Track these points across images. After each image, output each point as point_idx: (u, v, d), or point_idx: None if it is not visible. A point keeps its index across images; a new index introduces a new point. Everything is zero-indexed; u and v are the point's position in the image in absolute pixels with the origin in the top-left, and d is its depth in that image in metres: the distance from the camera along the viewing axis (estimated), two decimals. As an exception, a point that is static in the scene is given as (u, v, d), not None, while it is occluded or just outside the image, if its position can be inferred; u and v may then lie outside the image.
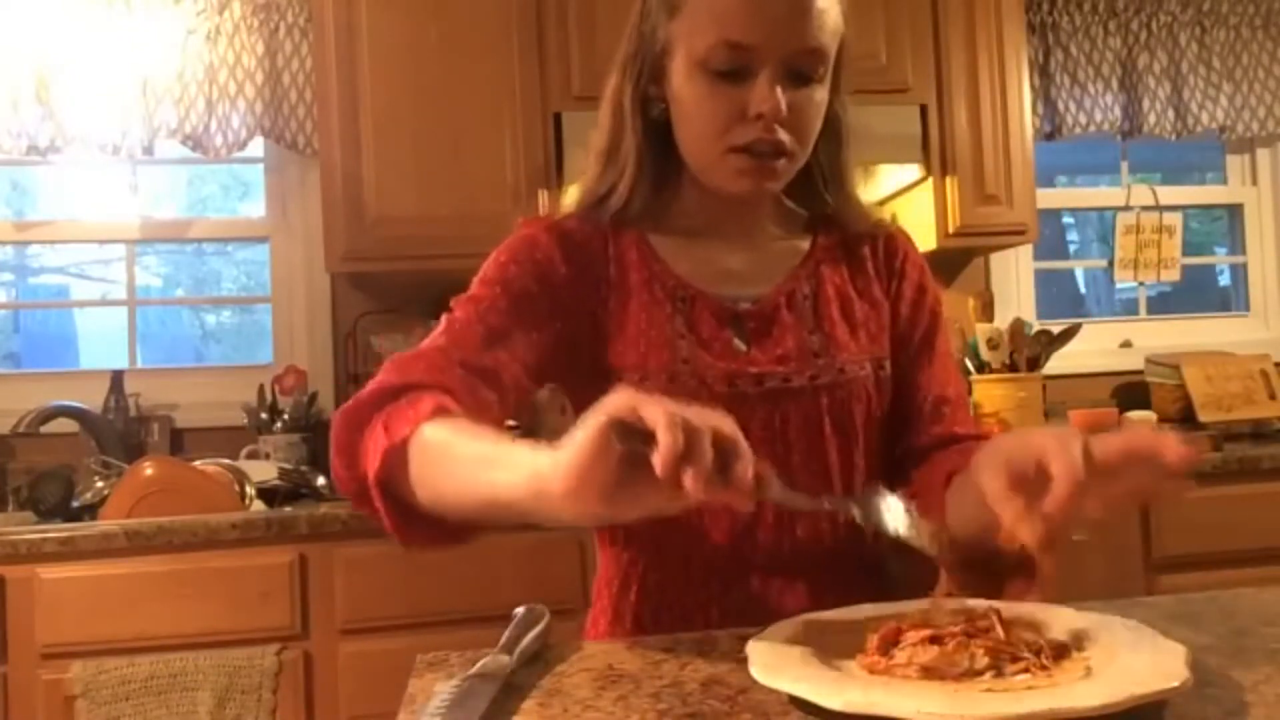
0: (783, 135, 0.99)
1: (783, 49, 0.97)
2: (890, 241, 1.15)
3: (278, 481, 2.35)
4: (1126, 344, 3.14)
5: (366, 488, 0.86)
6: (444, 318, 1.02)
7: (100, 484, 2.33)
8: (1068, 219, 3.72)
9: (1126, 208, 3.14)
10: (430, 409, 0.85)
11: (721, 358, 1.03)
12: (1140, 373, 2.97)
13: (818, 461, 1.04)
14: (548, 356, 1.02)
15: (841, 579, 1.03)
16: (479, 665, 0.76)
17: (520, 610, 0.87)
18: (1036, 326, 2.82)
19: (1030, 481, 0.74)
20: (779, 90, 0.97)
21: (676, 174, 1.09)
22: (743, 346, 1.04)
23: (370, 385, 0.91)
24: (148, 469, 2.18)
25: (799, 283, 1.09)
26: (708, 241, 1.10)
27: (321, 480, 2.39)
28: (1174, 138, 3.07)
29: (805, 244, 1.13)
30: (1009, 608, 0.79)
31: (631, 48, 1.07)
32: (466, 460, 0.80)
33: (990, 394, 2.63)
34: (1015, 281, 3.08)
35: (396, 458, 0.84)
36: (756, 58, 0.97)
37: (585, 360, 1.05)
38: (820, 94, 1.02)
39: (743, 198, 1.05)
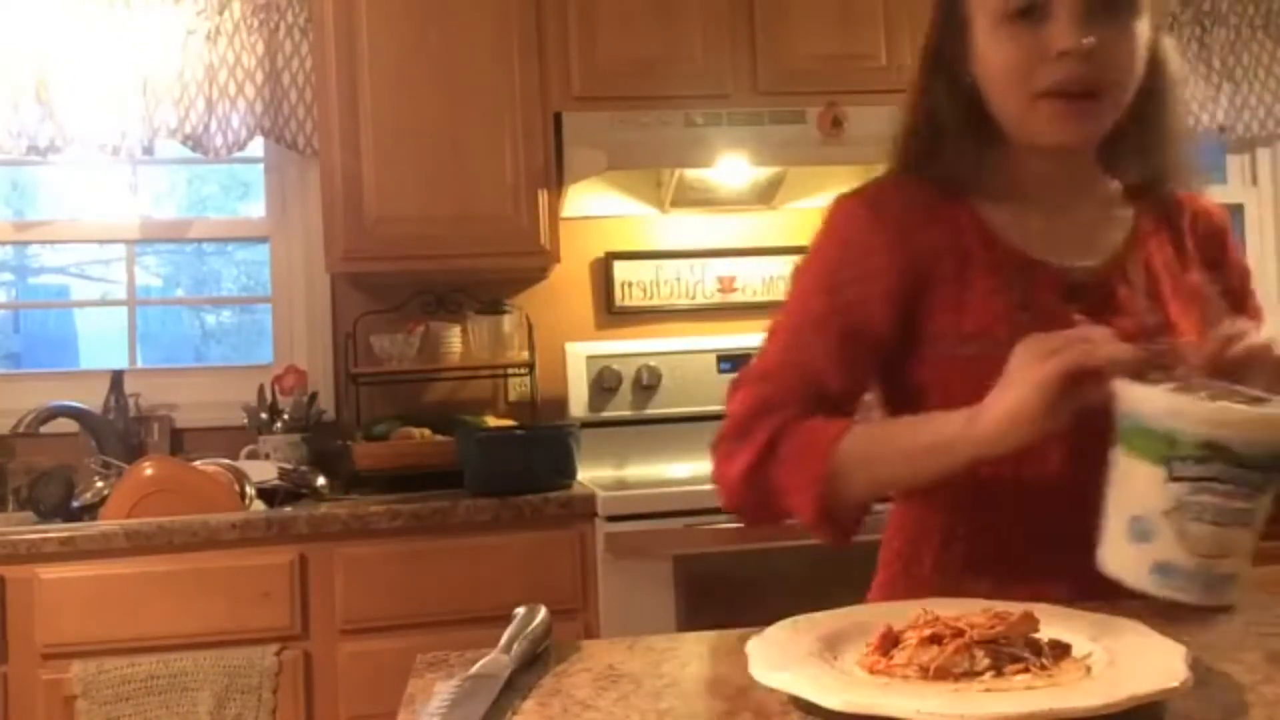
0: (1093, 73, 0.95)
1: None
2: (1209, 218, 1.11)
3: (278, 481, 2.35)
4: (1127, 344, 3.14)
5: (780, 514, 0.99)
6: (770, 335, 1.06)
7: (100, 484, 2.33)
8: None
9: (1126, 208, 3.13)
10: (839, 428, 0.96)
11: None
12: (1140, 372, 2.96)
13: None
14: (887, 335, 1.03)
15: None
16: (479, 665, 0.76)
17: (520, 610, 0.87)
18: (1037, 326, 2.81)
19: None
20: (1080, 25, 0.94)
21: (999, 142, 1.04)
22: (1086, 321, 0.99)
23: (735, 413, 1.01)
24: (148, 469, 2.19)
25: (1129, 257, 1.05)
26: (1037, 209, 1.05)
27: (321, 480, 2.39)
28: (1174, 138, 3.07)
29: (1128, 215, 1.08)
30: (1009, 609, 0.79)
31: (935, 37, 1.05)
32: (899, 434, 0.96)
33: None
34: (1015, 281, 3.08)
35: (827, 485, 0.95)
36: None
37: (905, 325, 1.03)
38: (1140, 26, 0.97)
39: (1064, 148, 1.01)
